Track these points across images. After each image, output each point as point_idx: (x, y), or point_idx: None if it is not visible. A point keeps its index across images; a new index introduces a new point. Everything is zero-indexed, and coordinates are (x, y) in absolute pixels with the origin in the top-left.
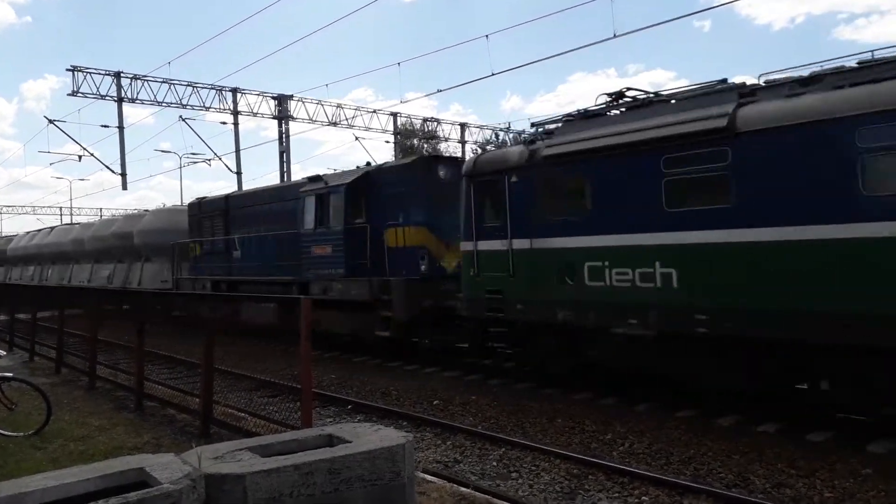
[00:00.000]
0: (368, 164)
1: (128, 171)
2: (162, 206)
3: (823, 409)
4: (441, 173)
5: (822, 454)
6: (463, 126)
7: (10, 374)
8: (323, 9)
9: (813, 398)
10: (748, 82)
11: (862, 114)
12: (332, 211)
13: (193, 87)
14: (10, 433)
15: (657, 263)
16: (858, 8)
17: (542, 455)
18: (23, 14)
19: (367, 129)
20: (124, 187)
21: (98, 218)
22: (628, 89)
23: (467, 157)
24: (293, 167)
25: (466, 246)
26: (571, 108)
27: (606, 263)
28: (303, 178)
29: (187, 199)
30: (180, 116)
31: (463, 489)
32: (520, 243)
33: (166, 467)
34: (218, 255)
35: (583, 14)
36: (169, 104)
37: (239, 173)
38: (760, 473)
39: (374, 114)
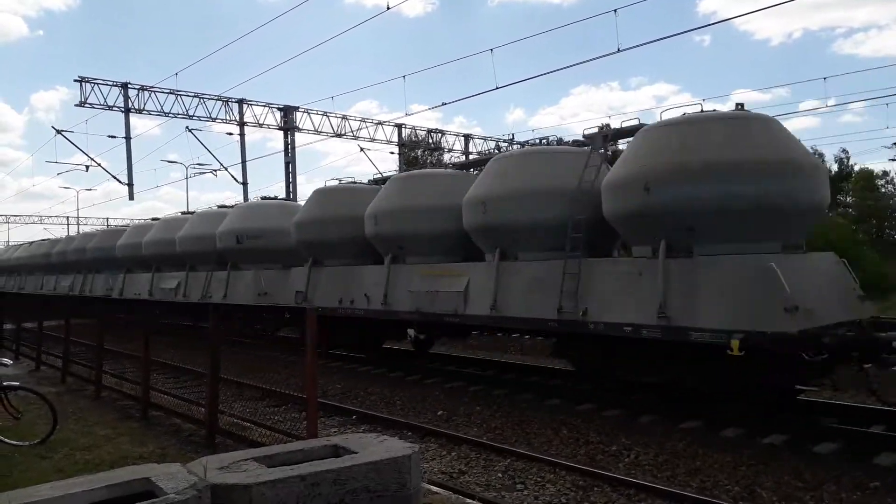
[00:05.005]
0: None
1: (134, 182)
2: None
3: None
4: None
5: (829, 467)
6: (467, 137)
7: (17, 383)
8: (329, 22)
9: None
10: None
11: None
12: None
13: (200, 98)
14: (15, 442)
15: None
16: (856, 22)
17: (548, 466)
18: (35, 28)
19: (372, 140)
20: (131, 197)
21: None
22: None
23: None
24: (298, 178)
25: None
26: (574, 121)
27: None
28: None
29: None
30: (187, 127)
31: (468, 500)
32: None
33: (172, 477)
34: None
35: (586, 28)
36: (175, 115)
37: (245, 184)
38: (767, 486)
39: (379, 125)
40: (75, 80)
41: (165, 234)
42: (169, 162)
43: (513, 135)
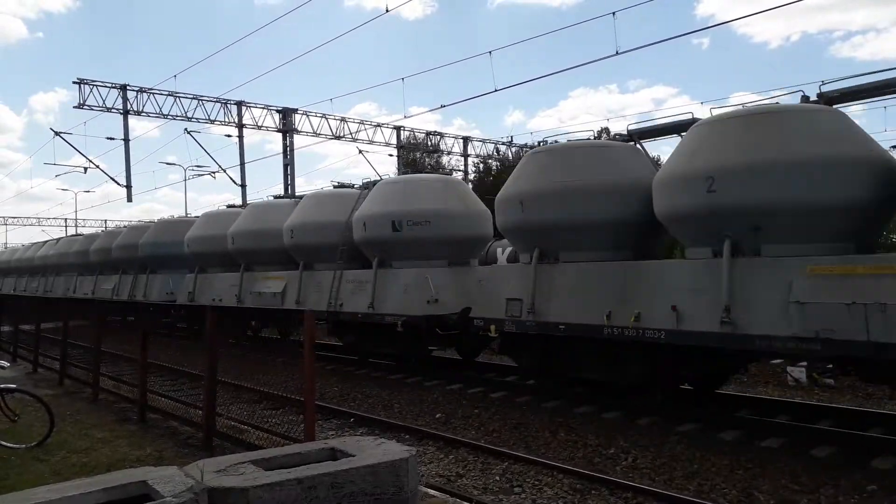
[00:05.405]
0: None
1: (133, 184)
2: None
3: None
4: None
5: (827, 469)
6: (466, 140)
7: (14, 386)
8: (328, 24)
9: None
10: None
11: None
12: None
13: (199, 100)
14: (12, 445)
15: None
16: (855, 26)
17: (546, 469)
18: (35, 30)
19: (371, 142)
20: (129, 199)
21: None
22: None
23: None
24: (297, 180)
25: None
26: (573, 123)
27: None
28: None
29: (192, 212)
30: (185, 129)
31: None
32: None
33: (169, 480)
34: None
35: (585, 31)
36: (174, 117)
37: (243, 186)
38: (765, 489)
39: (378, 128)
40: (74, 82)
41: (262, 224)
42: (167, 164)
43: (511, 137)
